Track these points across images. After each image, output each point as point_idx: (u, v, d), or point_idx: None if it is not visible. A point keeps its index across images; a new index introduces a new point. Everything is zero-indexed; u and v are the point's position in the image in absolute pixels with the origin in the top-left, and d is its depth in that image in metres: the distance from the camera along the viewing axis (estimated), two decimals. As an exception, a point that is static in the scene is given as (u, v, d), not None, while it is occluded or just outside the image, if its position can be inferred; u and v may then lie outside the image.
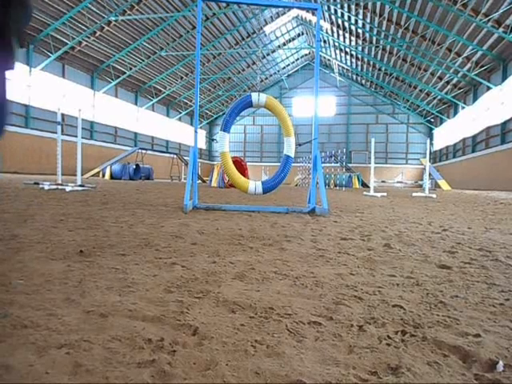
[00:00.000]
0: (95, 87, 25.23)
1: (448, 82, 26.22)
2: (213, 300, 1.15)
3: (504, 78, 19.74)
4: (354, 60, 33.30)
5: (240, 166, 15.21)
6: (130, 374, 0.71)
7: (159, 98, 31.59)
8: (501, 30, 17.45)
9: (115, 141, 27.53)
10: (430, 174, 16.95)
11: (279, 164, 5.12)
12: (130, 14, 21.12)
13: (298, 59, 38.58)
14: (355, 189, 22.05)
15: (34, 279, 1.30)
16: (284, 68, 38.76)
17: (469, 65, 22.11)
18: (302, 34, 33.63)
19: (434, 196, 10.76)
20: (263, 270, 1.55)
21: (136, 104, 29.83)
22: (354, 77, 38.18)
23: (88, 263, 1.56)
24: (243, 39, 29.21)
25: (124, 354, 0.78)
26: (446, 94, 27.44)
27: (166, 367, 0.73)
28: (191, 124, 37.71)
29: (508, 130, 19.88)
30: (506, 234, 2.93)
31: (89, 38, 21.82)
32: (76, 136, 4.47)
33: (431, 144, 33.21)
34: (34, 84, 20.34)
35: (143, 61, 26.12)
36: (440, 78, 26.37)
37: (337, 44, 31.40)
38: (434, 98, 30.65)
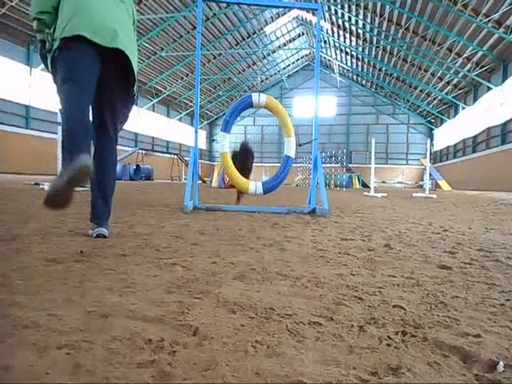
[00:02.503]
0: (96, 88, 25.20)
1: (448, 83, 26.22)
2: (213, 300, 1.15)
3: (504, 78, 19.73)
4: (354, 60, 33.32)
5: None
6: (130, 375, 0.71)
7: (159, 98, 31.61)
8: (501, 30, 17.45)
9: (115, 141, 27.51)
10: (430, 175, 16.95)
11: (279, 164, 5.11)
12: (130, 15, 21.12)
13: (298, 59, 38.58)
14: (355, 189, 22.05)
15: (35, 280, 1.30)
16: (284, 68, 38.77)
17: (469, 65, 22.11)
18: (303, 34, 33.64)
19: (435, 196, 10.76)
20: (264, 271, 1.55)
21: (136, 104, 29.83)
22: (355, 77, 38.19)
23: (88, 263, 1.56)
24: (243, 39, 29.22)
25: (124, 355, 0.78)
26: (447, 94, 27.44)
27: (166, 367, 0.73)
28: (191, 124, 37.70)
29: (508, 130, 19.87)
30: (506, 234, 2.93)
31: (89, 38, 21.81)
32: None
33: (432, 144, 33.20)
34: (34, 84, 20.35)
35: (144, 61, 26.14)
36: (440, 79, 26.37)
37: (337, 44, 31.42)
38: (435, 99, 30.65)
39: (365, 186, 25.14)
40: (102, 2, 2.08)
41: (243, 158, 5.11)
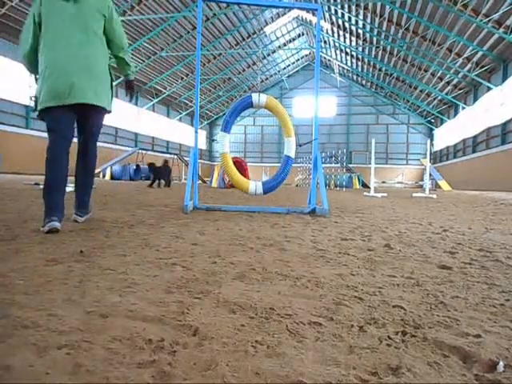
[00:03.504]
0: (96, 88, 25.18)
1: (448, 83, 26.22)
2: (213, 300, 1.15)
3: (504, 78, 19.73)
4: (354, 60, 33.32)
5: (240, 166, 15.20)
6: (130, 375, 0.71)
7: (159, 98, 31.61)
8: (501, 30, 17.45)
9: (115, 141, 27.55)
10: (430, 175, 16.96)
11: (280, 164, 5.12)
12: (130, 15, 21.16)
13: (298, 60, 38.59)
14: (355, 189, 22.05)
15: (35, 280, 1.30)
16: (284, 68, 38.78)
17: (469, 65, 22.11)
18: (303, 34, 33.65)
19: (435, 196, 10.76)
20: (264, 271, 1.55)
21: (136, 104, 29.84)
22: (355, 77, 38.20)
23: (88, 263, 1.56)
24: (243, 40, 29.23)
25: (124, 355, 0.78)
26: (447, 94, 27.44)
27: (166, 367, 0.73)
28: (191, 124, 37.73)
29: (508, 130, 19.87)
30: (506, 234, 2.93)
31: (89, 38, 21.82)
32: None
33: (432, 144, 33.21)
34: (34, 84, 20.29)
35: (144, 61, 26.15)
36: (440, 79, 26.38)
37: (337, 44, 31.42)
38: (435, 99, 30.65)
39: (365, 186, 25.13)
40: (64, 54, 2.51)
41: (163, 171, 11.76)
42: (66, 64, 2.51)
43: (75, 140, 2.89)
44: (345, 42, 29.60)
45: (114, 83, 2.90)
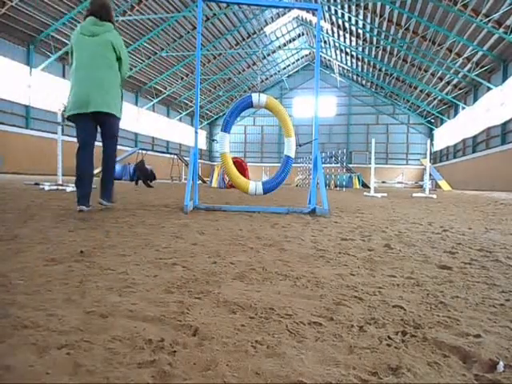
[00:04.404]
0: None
1: (448, 83, 26.23)
2: (213, 300, 1.15)
3: (504, 78, 19.74)
4: (354, 60, 33.33)
5: (240, 166, 15.19)
6: (130, 375, 0.71)
7: (159, 98, 31.60)
8: (501, 30, 17.45)
9: (115, 141, 27.52)
10: (430, 175, 16.95)
11: (280, 164, 5.12)
12: (130, 15, 21.15)
13: (298, 60, 38.60)
14: (355, 189, 22.04)
15: (35, 280, 1.30)
16: (284, 68, 38.79)
17: (469, 65, 22.12)
18: (303, 34, 33.65)
19: (435, 196, 10.75)
20: (264, 271, 1.55)
21: (136, 104, 29.83)
22: (355, 77, 38.21)
23: (88, 263, 1.56)
24: (243, 40, 29.24)
25: (124, 355, 0.78)
26: (447, 94, 27.45)
27: (166, 367, 0.73)
28: (191, 124, 37.73)
29: (508, 130, 19.87)
30: (506, 234, 2.93)
31: (89, 38, 21.82)
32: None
33: (432, 144, 33.21)
34: (34, 84, 20.35)
35: (144, 61, 26.14)
36: (440, 79, 26.38)
37: (337, 44, 31.43)
38: (435, 99, 30.66)
39: (365, 186, 25.12)
40: (85, 75, 3.40)
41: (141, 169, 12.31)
42: (85, 83, 3.39)
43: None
44: (345, 42, 29.61)
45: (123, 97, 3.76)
